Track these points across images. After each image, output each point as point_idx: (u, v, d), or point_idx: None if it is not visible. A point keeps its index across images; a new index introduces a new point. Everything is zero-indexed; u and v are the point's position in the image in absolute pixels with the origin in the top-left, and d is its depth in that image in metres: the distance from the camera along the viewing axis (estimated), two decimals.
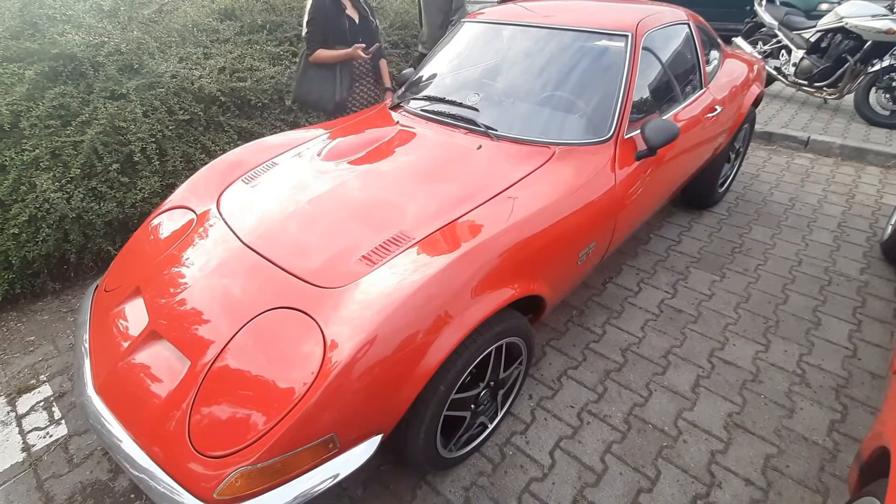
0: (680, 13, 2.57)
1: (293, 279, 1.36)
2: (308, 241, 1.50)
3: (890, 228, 2.50)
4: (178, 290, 1.46)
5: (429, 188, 1.68)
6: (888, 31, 3.95)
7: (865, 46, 4.16)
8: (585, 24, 2.26)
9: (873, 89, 4.15)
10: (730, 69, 2.84)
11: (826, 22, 4.55)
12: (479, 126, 2.00)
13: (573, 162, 1.82)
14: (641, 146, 1.95)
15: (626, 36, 2.11)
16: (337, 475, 1.19)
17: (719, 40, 2.96)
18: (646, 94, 2.22)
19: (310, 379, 1.13)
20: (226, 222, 1.66)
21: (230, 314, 1.33)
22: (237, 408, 1.15)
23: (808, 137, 3.83)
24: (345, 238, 1.49)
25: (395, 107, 2.37)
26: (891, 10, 4.09)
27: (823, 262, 2.47)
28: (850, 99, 4.34)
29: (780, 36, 4.96)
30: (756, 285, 2.33)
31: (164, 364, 1.31)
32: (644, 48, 2.15)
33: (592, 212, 1.75)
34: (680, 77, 2.43)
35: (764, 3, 5.17)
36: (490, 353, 1.47)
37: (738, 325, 2.09)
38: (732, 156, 3.00)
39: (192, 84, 2.87)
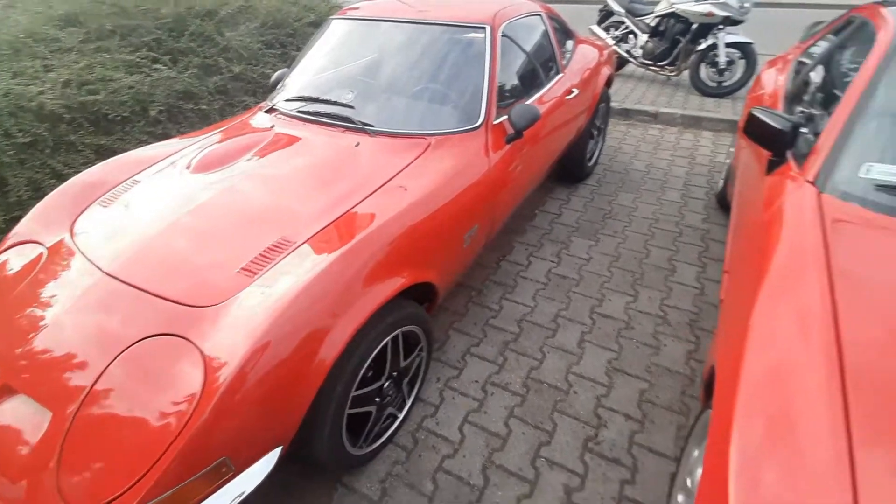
0: (533, 5, 2.71)
1: (164, 303, 1.24)
2: (179, 260, 1.37)
3: (721, 182, 2.87)
4: (33, 335, 1.26)
5: (309, 190, 1.62)
6: (708, 14, 4.50)
7: (693, 28, 4.71)
8: (448, 17, 2.30)
9: (702, 65, 4.72)
10: (583, 55, 3.06)
11: (661, 8, 5.07)
12: (356, 123, 1.96)
13: (449, 150, 1.85)
14: (510, 130, 2.03)
15: (485, 28, 2.18)
16: (242, 493, 1.12)
17: (570, 28, 3.17)
18: (509, 81, 2.32)
19: (190, 406, 1.04)
20: (82, 252, 1.46)
21: (94, 352, 1.18)
22: (112, 452, 1.03)
23: (657, 111, 4.28)
24: (221, 252, 1.38)
25: (270, 110, 2.24)
26: None
27: (675, 218, 2.79)
28: (686, 75, 4.89)
29: (627, 22, 5.44)
30: (624, 245, 2.56)
31: (23, 421, 1.13)
32: (503, 39, 2.24)
33: (471, 196, 1.80)
34: (539, 64, 2.57)
35: None
36: (387, 344, 1.46)
37: (611, 281, 2.29)
38: (595, 133, 3.25)
39: (31, 101, 2.48)
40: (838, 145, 1.33)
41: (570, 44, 3.06)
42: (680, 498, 1.18)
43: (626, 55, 5.43)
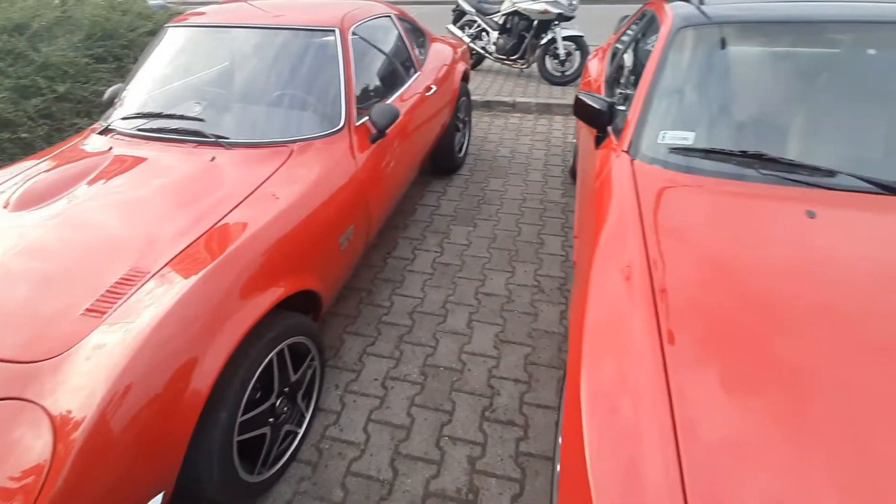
0: (383, 7, 2.76)
1: None
2: (7, 313, 1.18)
3: (571, 159, 3.22)
4: None
5: (162, 212, 1.49)
6: (544, 11, 4.97)
7: (534, 24, 5.16)
8: (297, 22, 2.25)
9: (547, 57, 5.20)
10: (437, 53, 3.20)
11: (505, 7, 5.46)
12: (209, 137, 1.84)
13: (313, 156, 1.82)
14: (374, 130, 2.06)
15: (335, 31, 2.17)
16: None
17: (423, 28, 3.29)
18: (367, 82, 2.34)
19: (39, 478, 0.91)
20: None
21: None
22: None
23: (515, 100, 4.62)
24: (60, 295, 1.22)
25: (105, 131, 2.00)
26: None
27: (539, 195, 3.06)
28: (535, 67, 5.34)
29: (479, 21, 5.78)
30: (499, 226, 2.75)
31: None
32: (355, 41, 2.25)
33: (342, 198, 1.80)
34: (393, 64, 2.64)
35: None
36: (272, 360, 1.40)
37: (491, 262, 2.45)
38: (461, 125, 3.42)
39: None
40: (641, 119, 1.58)
41: (424, 43, 3.17)
42: (560, 440, 1.33)
43: (482, 51, 5.76)
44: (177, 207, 1.52)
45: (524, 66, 5.49)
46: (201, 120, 1.96)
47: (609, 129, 1.78)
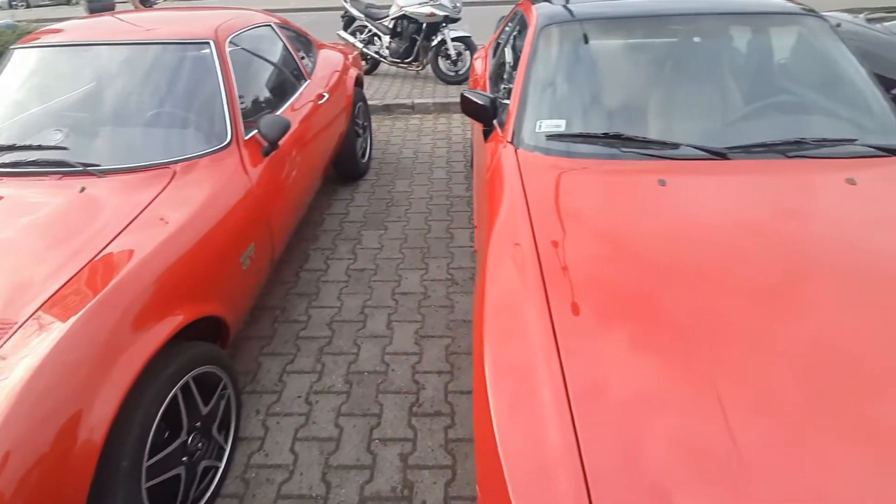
0: (260, 16, 2.66)
1: None
2: None
3: (472, 153, 3.34)
4: None
5: (27, 255, 1.33)
6: (430, 14, 5.09)
7: (423, 27, 5.26)
8: (167, 35, 2.11)
9: (439, 58, 5.33)
10: (327, 60, 3.15)
11: (393, 12, 5.51)
12: (75, 166, 1.67)
13: (200, 175, 1.73)
14: (265, 143, 1.99)
15: (209, 43, 2.07)
16: None
17: (309, 36, 3.22)
18: (253, 94, 2.26)
19: None
20: None
21: None
22: None
23: (413, 102, 4.69)
24: None
25: None
26: None
27: (445, 192, 3.15)
28: (430, 68, 5.45)
29: (369, 26, 5.77)
30: (409, 226, 2.79)
31: None
32: (233, 52, 2.15)
33: (238, 216, 1.72)
34: (280, 74, 2.56)
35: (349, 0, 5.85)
36: (177, 395, 1.31)
37: (405, 262, 2.48)
38: (361, 131, 3.40)
39: None
40: (520, 111, 1.69)
41: (312, 51, 3.11)
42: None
43: (376, 56, 5.76)
44: (47, 246, 1.36)
45: (419, 68, 5.58)
46: (64, 148, 1.78)
47: (495, 122, 1.88)
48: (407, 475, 1.49)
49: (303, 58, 2.87)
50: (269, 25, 2.67)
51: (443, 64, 5.34)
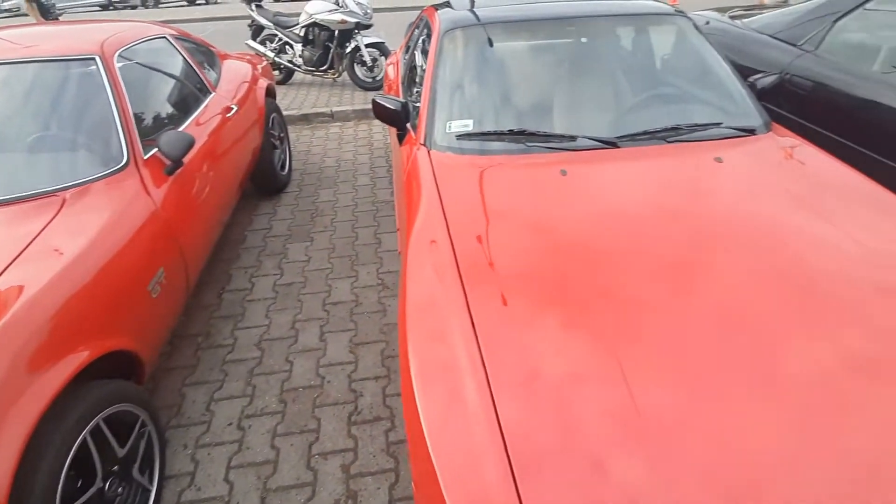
0: (154, 28, 2.50)
1: None
2: None
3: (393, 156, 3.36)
4: None
5: None
6: (341, 22, 5.03)
7: (336, 35, 5.19)
8: (48, 52, 1.92)
9: (355, 65, 5.28)
10: (233, 71, 3.02)
11: (303, 20, 5.38)
12: None
13: (95, 200, 1.59)
14: (168, 162, 1.88)
15: (95, 58, 1.91)
16: None
17: (212, 48, 3.07)
18: (151, 111, 2.12)
19: None
20: None
21: None
22: None
23: (332, 110, 4.61)
24: None
25: None
26: (337, 4, 5.18)
27: (370, 198, 3.13)
28: (346, 75, 5.39)
29: (280, 34, 5.59)
30: (335, 235, 2.75)
31: None
32: (123, 67, 2.01)
33: (142, 240, 1.61)
34: (180, 88, 2.43)
35: (255, 7, 5.63)
36: (86, 440, 1.20)
37: (334, 271, 2.44)
38: (278, 143, 3.30)
39: None
40: (430, 113, 1.73)
41: (215, 63, 2.97)
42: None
43: (290, 65, 5.60)
44: None
45: (336, 76, 5.49)
46: None
47: (408, 126, 1.91)
48: (350, 485, 1.47)
49: (206, 70, 2.73)
50: (164, 38, 2.51)
51: (359, 71, 5.30)
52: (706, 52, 1.85)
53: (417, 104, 1.97)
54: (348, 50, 5.18)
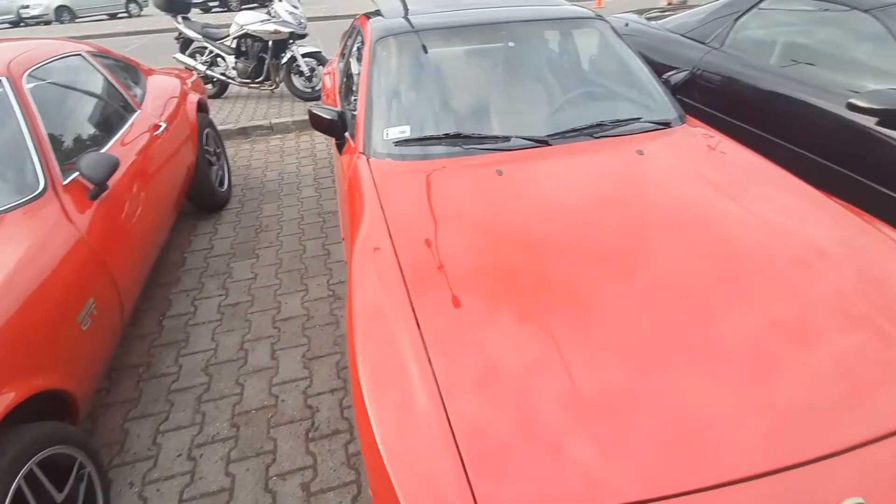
0: (68, 45, 2.35)
1: None
2: None
3: None
4: None
5: None
6: (275, 32, 4.92)
7: (270, 45, 5.07)
8: None
9: (293, 76, 5.18)
10: (160, 87, 2.88)
11: (234, 31, 5.21)
12: None
13: (9, 231, 1.48)
14: (91, 186, 1.77)
15: (1, 80, 1.77)
16: None
17: (135, 63, 2.92)
18: (68, 133, 1.98)
19: None
20: None
21: None
22: None
23: (271, 122, 4.50)
24: None
25: None
26: (269, 14, 5.06)
27: (316, 209, 3.08)
28: (284, 86, 5.26)
29: (210, 47, 5.38)
30: (282, 250, 2.68)
31: None
32: (34, 88, 1.87)
33: (67, 271, 1.50)
34: (102, 107, 2.29)
35: (181, 20, 5.38)
36: (20, 487, 1.11)
37: (282, 287, 2.38)
38: (214, 159, 3.17)
39: None
40: (367, 121, 1.73)
41: (139, 79, 2.82)
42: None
43: (224, 78, 5.40)
44: None
45: (273, 87, 5.35)
46: None
47: (347, 135, 1.90)
48: (311, 503, 1.44)
49: (129, 87, 2.59)
50: (80, 55, 2.36)
51: (297, 81, 5.19)
52: (624, 53, 1.97)
53: (355, 113, 1.96)
54: (284, 60, 5.07)
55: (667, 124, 1.69)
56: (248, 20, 5.13)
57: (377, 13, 2.25)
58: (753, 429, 0.83)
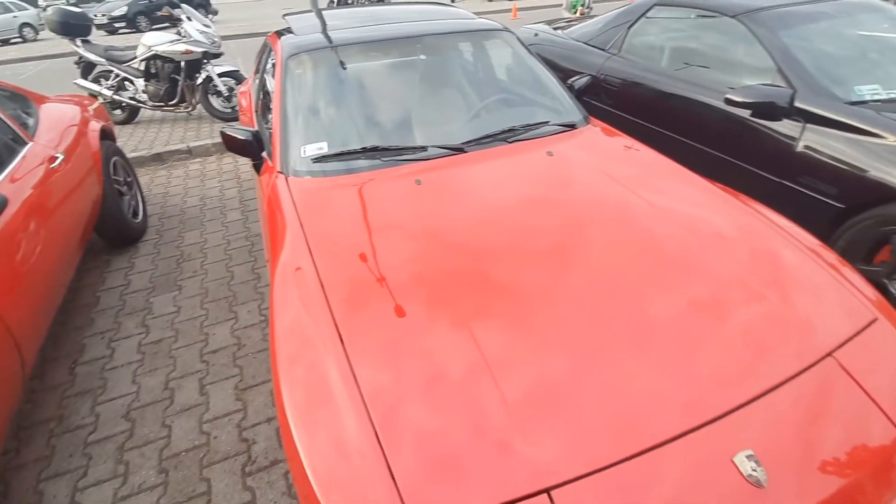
0: None
1: None
2: None
3: None
4: None
5: None
6: (186, 52, 4.69)
7: (182, 66, 4.82)
8: None
9: (210, 96, 4.95)
10: (55, 117, 2.65)
11: (141, 53, 4.91)
12: None
13: None
14: None
15: None
16: None
17: (25, 92, 2.67)
18: None
19: None
20: None
21: None
22: None
23: (189, 146, 4.27)
24: None
25: None
26: (179, 34, 4.82)
27: (243, 233, 2.95)
28: (202, 107, 5.02)
29: (116, 70, 5.03)
30: (208, 279, 2.54)
31: None
32: None
33: None
34: None
35: (80, 43, 4.99)
36: None
37: (209, 317, 2.26)
38: (125, 188, 2.96)
39: None
40: (283, 140, 1.69)
41: (30, 108, 2.58)
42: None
43: (134, 102, 5.07)
44: None
45: (190, 109, 5.09)
46: None
47: (264, 154, 1.85)
48: None
49: (18, 118, 2.36)
50: None
51: (215, 101, 4.97)
52: (530, 62, 2.08)
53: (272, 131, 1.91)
54: (199, 81, 4.84)
55: (573, 126, 1.79)
56: (157, 41, 4.86)
57: (288, 30, 2.22)
58: (674, 397, 0.91)
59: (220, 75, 4.86)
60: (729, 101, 1.99)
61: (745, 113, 2.03)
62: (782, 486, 0.83)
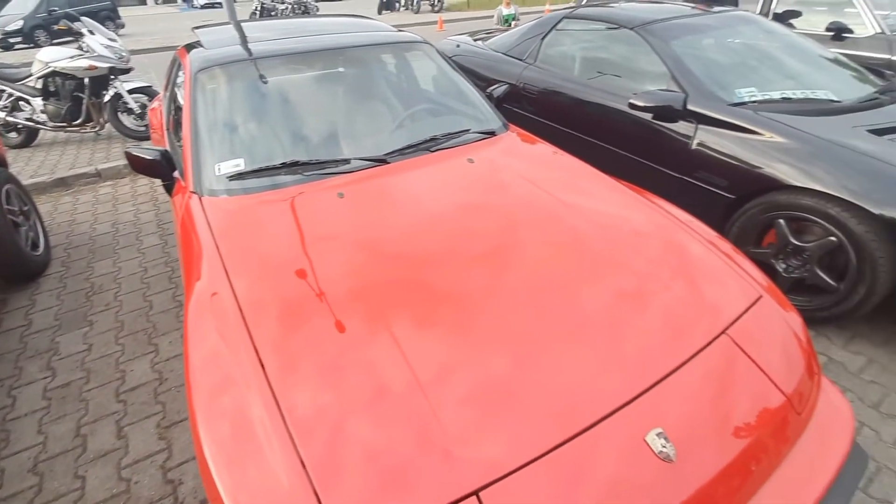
0: None
1: None
2: None
3: None
4: None
5: None
6: (90, 68, 4.33)
7: (86, 83, 4.44)
8: None
9: (120, 114, 4.60)
10: None
11: (38, 70, 4.49)
12: None
13: None
14: None
15: None
16: None
17: None
18: None
19: None
20: None
21: None
22: None
23: (98, 168, 3.94)
24: None
25: None
26: (81, 49, 4.45)
27: (162, 258, 2.76)
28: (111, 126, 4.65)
29: (8, 89, 4.54)
30: (122, 311, 2.34)
31: None
32: None
33: None
34: None
35: None
36: None
37: (126, 352, 2.08)
38: (21, 218, 2.67)
39: None
40: (195, 158, 1.60)
41: None
42: None
43: (31, 123, 4.60)
44: None
45: (98, 129, 4.70)
46: None
47: (176, 174, 1.74)
48: None
49: None
50: None
51: (126, 120, 4.63)
52: (450, 72, 2.12)
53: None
54: (107, 98, 4.48)
55: (492, 133, 1.85)
56: (54, 57, 4.45)
57: (198, 44, 2.11)
58: (596, 384, 0.96)
59: (131, 91, 4.54)
60: (632, 106, 2.15)
61: (648, 116, 2.19)
62: (690, 459, 0.89)
